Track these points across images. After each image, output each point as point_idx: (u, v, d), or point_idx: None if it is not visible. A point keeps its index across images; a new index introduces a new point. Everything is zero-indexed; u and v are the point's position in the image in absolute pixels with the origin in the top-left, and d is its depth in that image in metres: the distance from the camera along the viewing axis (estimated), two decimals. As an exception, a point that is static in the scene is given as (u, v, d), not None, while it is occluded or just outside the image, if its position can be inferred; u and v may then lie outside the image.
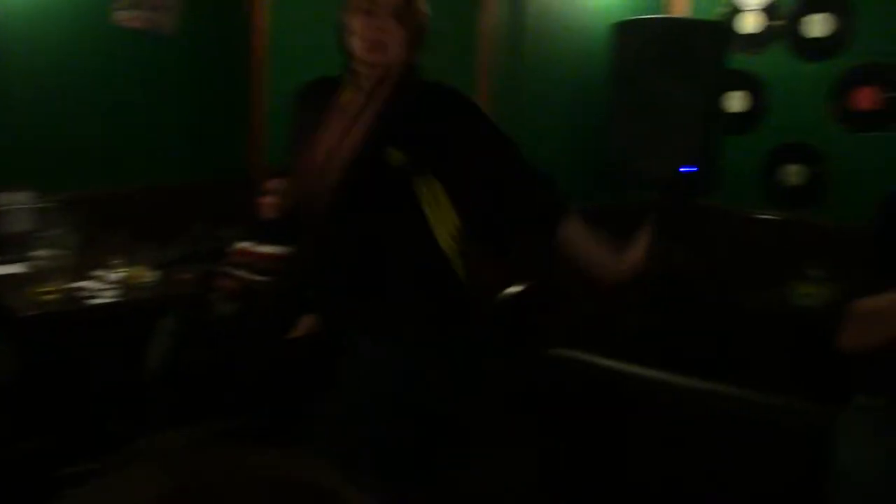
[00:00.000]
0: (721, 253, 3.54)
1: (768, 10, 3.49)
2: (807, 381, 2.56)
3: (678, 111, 3.14)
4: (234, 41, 3.18)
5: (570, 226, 1.73)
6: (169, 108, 3.10)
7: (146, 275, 2.52)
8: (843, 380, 1.85)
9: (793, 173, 3.46)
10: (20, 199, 2.59)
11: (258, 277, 2.50)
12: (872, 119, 3.23)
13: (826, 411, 1.90)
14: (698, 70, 3.15)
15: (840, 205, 3.24)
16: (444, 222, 1.71)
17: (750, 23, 3.52)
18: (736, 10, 3.55)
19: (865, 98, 3.23)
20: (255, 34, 3.22)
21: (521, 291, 2.77)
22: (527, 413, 2.14)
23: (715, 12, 3.57)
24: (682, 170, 3.18)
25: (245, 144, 3.26)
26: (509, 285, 2.70)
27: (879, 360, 1.78)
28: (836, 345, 1.74)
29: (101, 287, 2.44)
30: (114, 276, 2.47)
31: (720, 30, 3.37)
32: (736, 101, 3.58)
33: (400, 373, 1.72)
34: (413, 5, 1.71)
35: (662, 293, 3.27)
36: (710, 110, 3.25)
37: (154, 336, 2.55)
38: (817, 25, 3.32)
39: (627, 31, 3.25)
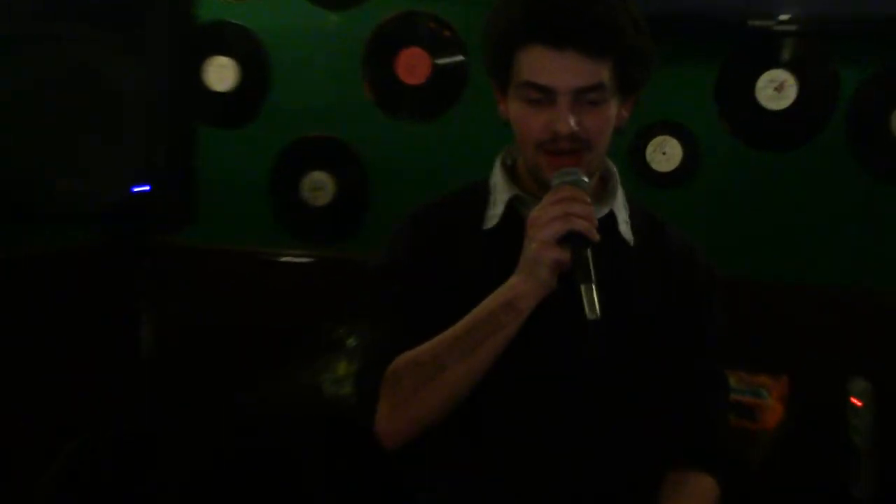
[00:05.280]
0: (222, 318, 3.57)
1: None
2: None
3: (118, 101, 2.88)
4: None
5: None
6: None
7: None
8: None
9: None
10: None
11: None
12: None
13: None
14: (146, 34, 2.98)
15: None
16: None
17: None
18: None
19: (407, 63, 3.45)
20: None
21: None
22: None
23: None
24: (133, 191, 2.92)
25: None
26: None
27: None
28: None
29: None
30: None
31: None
32: (224, 73, 3.56)
33: None
34: None
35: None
36: (173, 94, 3.07)
37: None
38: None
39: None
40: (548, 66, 1.81)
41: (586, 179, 1.81)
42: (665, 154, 3.31)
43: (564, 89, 1.81)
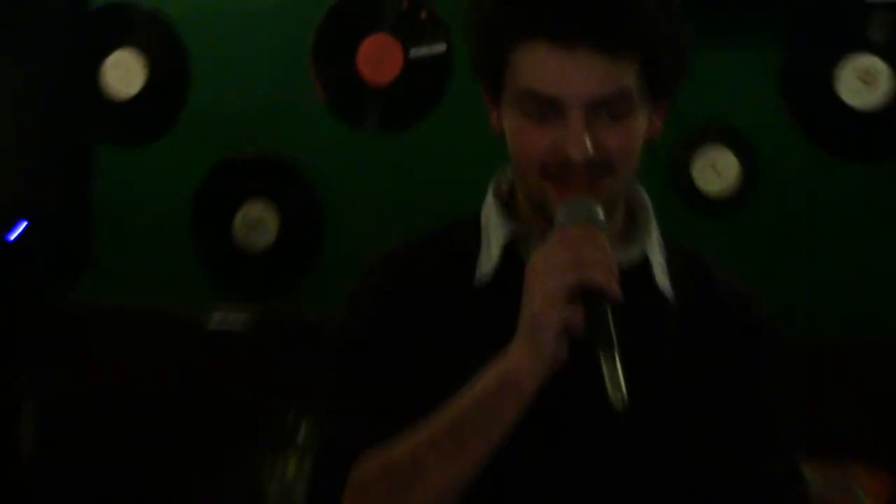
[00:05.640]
0: (128, 401, 3.14)
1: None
2: None
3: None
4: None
5: None
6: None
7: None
8: None
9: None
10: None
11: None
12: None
13: None
14: (25, 23, 3.07)
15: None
16: None
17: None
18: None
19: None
20: None
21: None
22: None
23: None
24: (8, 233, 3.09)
25: None
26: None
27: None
28: None
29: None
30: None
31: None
32: (129, 72, 3.31)
33: None
34: None
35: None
36: (60, 102, 3.14)
37: None
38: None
39: None
40: (554, 69, 1.59)
41: (602, 216, 1.57)
42: (717, 170, 3.17)
43: (577, 101, 1.58)
